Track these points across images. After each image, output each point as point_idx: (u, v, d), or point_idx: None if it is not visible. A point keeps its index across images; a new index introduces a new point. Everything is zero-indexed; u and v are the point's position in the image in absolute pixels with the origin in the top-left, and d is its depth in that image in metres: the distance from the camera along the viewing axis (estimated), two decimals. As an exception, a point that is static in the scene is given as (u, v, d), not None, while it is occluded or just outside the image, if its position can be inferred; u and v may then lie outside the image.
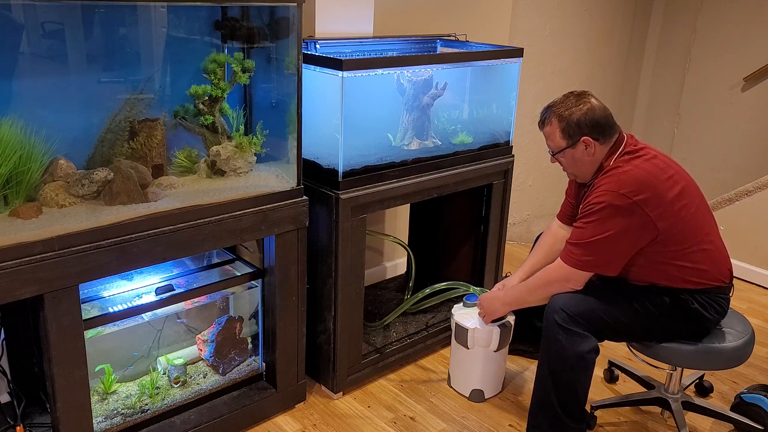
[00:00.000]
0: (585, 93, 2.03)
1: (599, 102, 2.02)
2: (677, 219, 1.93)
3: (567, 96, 2.04)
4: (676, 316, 2.00)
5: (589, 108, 1.98)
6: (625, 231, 1.89)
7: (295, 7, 1.98)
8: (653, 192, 1.90)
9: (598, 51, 4.17)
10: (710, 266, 1.99)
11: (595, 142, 1.98)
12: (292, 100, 2.05)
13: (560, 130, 2.01)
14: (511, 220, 3.79)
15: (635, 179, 1.91)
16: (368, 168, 2.28)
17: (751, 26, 4.03)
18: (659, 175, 1.93)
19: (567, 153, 2.03)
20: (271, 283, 2.19)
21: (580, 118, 1.97)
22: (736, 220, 3.56)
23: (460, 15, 3.19)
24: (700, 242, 1.98)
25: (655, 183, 1.91)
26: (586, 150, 2.00)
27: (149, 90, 2.04)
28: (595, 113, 1.98)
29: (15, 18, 1.77)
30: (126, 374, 2.20)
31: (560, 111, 2.01)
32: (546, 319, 2.00)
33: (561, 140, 2.02)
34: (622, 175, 1.93)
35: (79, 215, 1.77)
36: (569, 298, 1.98)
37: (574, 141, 1.99)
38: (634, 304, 1.98)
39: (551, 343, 1.99)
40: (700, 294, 1.99)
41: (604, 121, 1.99)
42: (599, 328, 1.98)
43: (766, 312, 3.28)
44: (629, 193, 1.89)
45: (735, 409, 2.33)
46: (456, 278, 2.98)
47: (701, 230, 1.99)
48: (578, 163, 2.04)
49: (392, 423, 2.34)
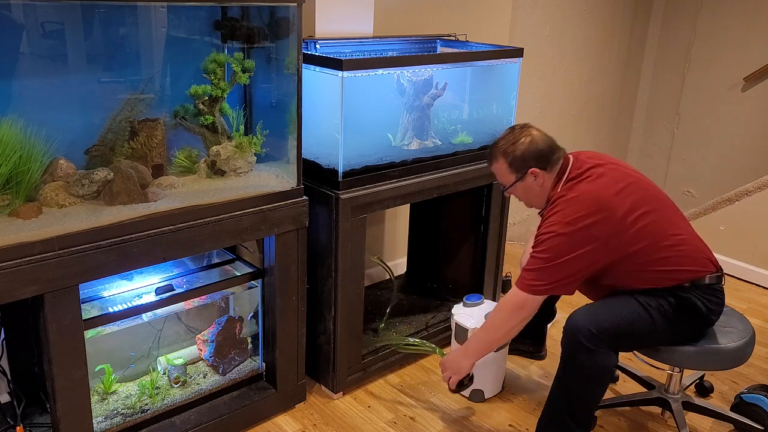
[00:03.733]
0: (526, 126, 2.09)
1: (540, 132, 2.08)
2: (634, 231, 1.94)
3: (509, 131, 2.10)
4: (684, 317, 1.99)
5: (530, 140, 2.04)
6: (576, 257, 1.92)
7: (295, 7, 1.98)
8: (600, 213, 1.92)
9: (598, 51, 4.17)
10: (688, 263, 1.99)
11: (543, 172, 2.04)
12: (292, 100, 2.05)
13: (507, 165, 2.07)
14: (511, 220, 3.79)
15: (580, 205, 1.94)
16: (368, 168, 2.28)
17: (751, 26, 4.03)
18: (605, 194, 1.96)
19: (518, 186, 2.09)
20: (271, 283, 2.19)
21: (524, 151, 2.03)
22: (736, 220, 3.56)
23: (460, 15, 3.19)
24: (669, 245, 1.98)
25: (602, 203, 1.94)
26: (535, 180, 2.05)
27: (149, 90, 2.04)
28: (538, 144, 2.04)
29: (15, 18, 1.77)
30: (126, 374, 2.20)
31: (504, 147, 2.07)
32: (568, 338, 1.97)
33: (510, 175, 2.08)
34: (566, 203, 1.97)
35: (79, 215, 1.77)
36: (590, 316, 1.96)
37: (522, 174, 2.05)
38: (650, 311, 1.97)
39: (573, 363, 1.96)
40: (696, 290, 1.99)
41: (547, 150, 2.04)
42: (621, 343, 1.99)
43: (766, 312, 3.28)
44: (574, 220, 1.92)
45: (735, 409, 2.33)
46: (456, 278, 2.98)
47: (665, 233, 1.99)
48: (530, 193, 2.10)
49: (392, 423, 2.34)
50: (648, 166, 4.69)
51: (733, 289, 3.49)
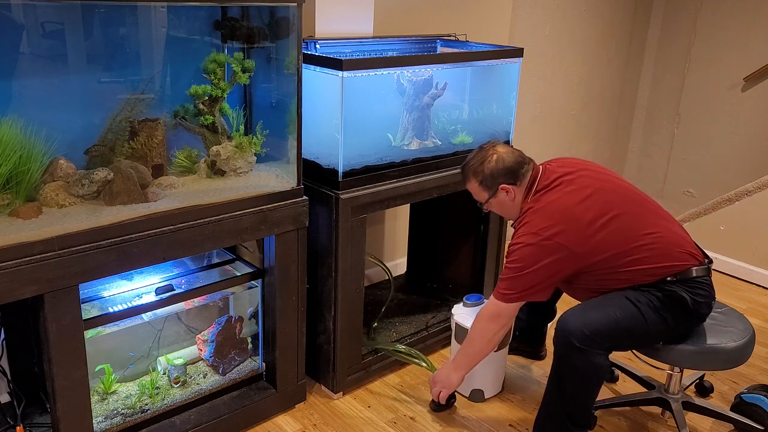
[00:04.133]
0: (492, 143, 2.16)
1: (507, 148, 2.14)
2: (601, 237, 1.97)
3: (477, 151, 2.16)
4: (675, 313, 1.99)
5: (497, 158, 2.10)
6: (545, 265, 1.98)
7: (295, 7, 1.98)
8: (565, 223, 1.97)
9: (598, 51, 4.17)
10: (663, 259, 2.00)
11: (513, 186, 2.10)
12: (292, 100, 2.05)
13: (479, 184, 2.14)
14: (511, 220, 3.79)
15: (545, 215, 2.01)
16: (368, 168, 2.28)
17: (751, 26, 4.03)
18: (570, 203, 2.01)
19: (492, 202, 2.16)
20: (271, 283, 2.19)
21: (493, 169, 2.09)
22: (736, 220, 3.56)
23: (460, 15, 3.19)
24: (641, 245, 1.99)
25: (567, 213, 2.00)
26: (507, 195, 2.11)
27: (149, 90, 2.04)
28: (505, 161, 2.10)
29: (15, 18, 1.77)
30: (126, 374, 2.20)
31: (474, 167, 2.13)
32: (560, 339, 1.98)
33: (483, 193, 2.15)
34: (533, 214, 2.03)
35: (79, 215, 1.77)
36: (582, 317, 1.97)
37: (494, 191, 2.12)
38: (640, 308, 1.97)
39: (565, 364, 1.98)
40: (680, 284, 1.99)
41: (515, 165, 2.10)
42: (614, 343, 1.99)
43: (766, 312, 3.28)
44: (541, 230, 1.98)
45: (735, 409, 2.33)
46: (456, 278, 2.98)
47: (637, 233, 2.00)
48: (504, 207, 2.16)
49: (392, 423, 2.34)
50: (648, 166, 4.69)
51: (733, 289, 3.49)
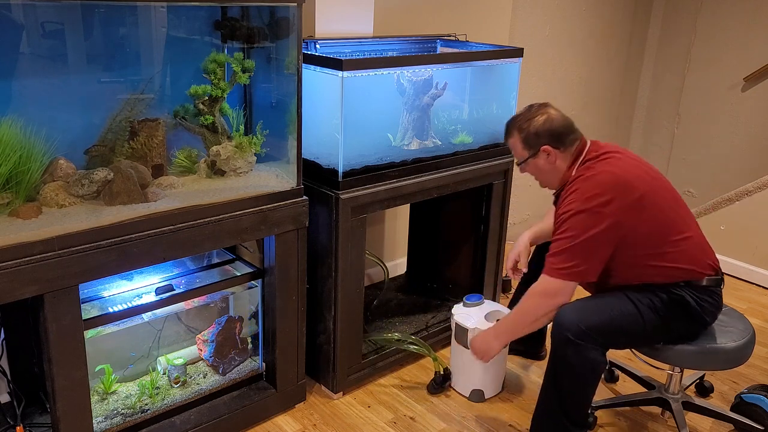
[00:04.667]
0: (544, 104, 2.10)
1: (558, 112, 2.08)
2: (644, 218, 1.95)
3: (527, 108, 2.11)
4: (676, 315, 1.99)
5: (546, 118, 2.05)
6: (596, 233, 1.93)
7: (295, 7, 1.98)
8: (616, 193, 1.94)
9: (598, 51, 4.17)
10: (688, 263, 2.00)
11: (555, 151, 2.05)
12: (292, 100, 2.05)
13: (521, 141, 2.09)
14: (511, 220, 3.78)
15: (597, 183, 1.96)
16: (368, 168, 2.28)
17: (751, 26, 4.03)
18: (621, 176, 1.98)
19: (530, 162, 2.11)
20: (271, 283, 2.19)
21: (539, 128, 2.05)
22: (736, 220, 3.56)
23: (460, 15, 3.19)
24: (674, 240, 1.99)
25: (617, 184, 1.95)
26: (547, 158, 2.06)
27: (149, 90, 2.04)
28: (553, 123, 2.05)
29: (15, 18, 1.77)
30: (126, 374, 2.20)
31: (520, 123, 2.09)
32: (556, 333, 1.98)
33: (523, 151, 2.10)
34: (584, 182, 1.98)
35: (79, 215, 1.77)
36: (579, 312, 1.97)
37: (535, 151, 2.07)
38: (639, 307, 1.97)
39: (560, 358, 1.97)
40: (691, 289, 1.99)
41: (562, 129, 2.05)
42: (609, 340, 1.98)
43: (766, 312, 3.28)
44: (593, 197, 1.94)
45: (735, 409, 2.33)
46: (456, 278, 2.98)
47: (674, 227, 2.00)
48: (542, 171, 2.11)
49: (392, 423, 2.34)
50: (648, 166, 4.69)
51: (733, 289, 3.49)
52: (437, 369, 2.51)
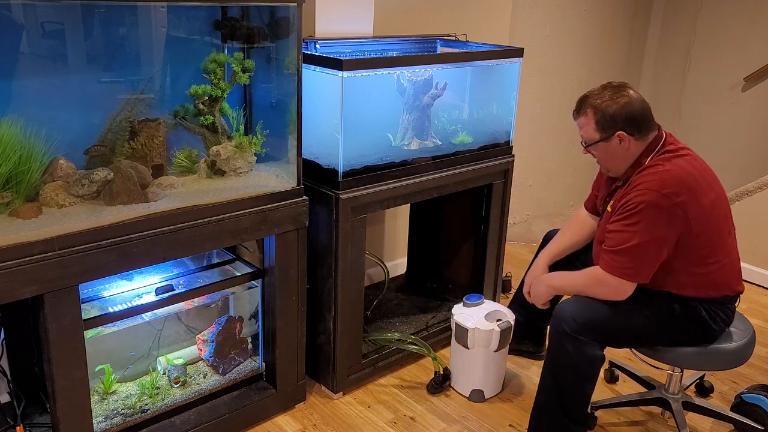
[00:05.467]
0: (624, 85, 1.97)
1: (638, 95, 1.95)
2: (706, 226, 1.88)
3: (605, 87, 1.97)
4: (683, 325, 1.98)
5: (626, 102, 1.91)
6: (665, 234, 1.84)
7: (295, 7, 1.98)
8: (693, 195, 1.85)
9: (598, 51, 4.17)
10: (722, 278, 1.96)
11: (630, 138, 1.92)
12: (292, 100, 2.05)
13: (594, 122, 1.95)
14: (511, 220, 3.79)
15: (678, 179, 1.85)
16: (368, 168, 2.28)
17: (751, 26, 4.03)
18: (699, 179, 1.88)
19: (600, 146, 1.97)
20: (271, 283, 2.19)
21: (616, 111, 1.91)
22: (736, 220, 3.50)
23: (460, 15, 3.19)
24: (720, 253, 1.94)
25: (695, 186, 1.86)
26: (620, 144, 1.93)
27: (149, 90, 2.04)
28: (633, 108, 1.91)
29: (15, 18, 1.77)
30: (126, 374, 2.20)
31: (596, 102, 1.94)
32: (553, 327, 1.97)
33: (594, 133, 1.96)
34: (664, 174, 1.86)
35: (79, 215, 1.77)
36: (578, 306, 1.95)
37: (608, 135, 1.93)
38: (644, 311, 1.96)
39: (558, 352, 1.96)
40: (708, 303, 1.97)
41: (641, 116, 1.92)
42: (607, 337, 1.97)
43: (766, 312, 3.28)
44: (671, 194, 1.83)
45: (735, 409, 2.33)
46: (456, 278, 2.98)
47: (724, 241, 1.95)
48: (611, 157, 1.98)
49: (392, 423, 2.34)
50: (648, 166, 4.69)
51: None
52: (437, 369, 2.51)
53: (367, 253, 2.68)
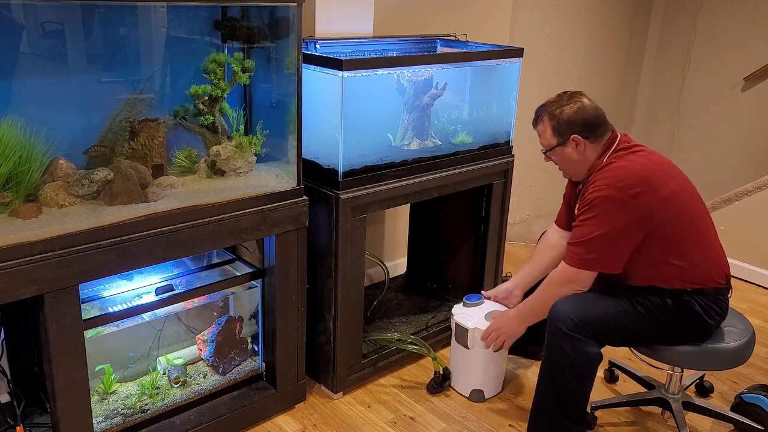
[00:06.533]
0: (577, 93, 2.08)
1: (591, 101, 2.05)
2: (672, 215, 1.94)
3: (560, 95, 2.08)
4: (678, 320, 1.99)
5: (579, 107, 2.02)
6: (624, 225, 1.91)
7: (295, 7, 1.98)
8: (648, 185, 1.92)
9: (598, 51, 4.17)
10: (706, 267, 1.99)
11: (585, 141, 2.02)
12: (292, 100, 2.05)
13: (551, 128, 2.06)
14: (511, 220, 3.79)
15: (630, 173, 1.93)
16: (368, 168, 2.28)
17: (751, 26, 4.03)
18: (654, 170, 1.96)
19: (557, 151, 2.07)
20: (271, 283, 2.19)
21: (570, 116, 2.02)
22: (736, 220, 3.56)
23: (460, 15, 3.19)
24: (696, 242, 1.99)
25: (650, 177, 1.94)
26: (576, 148, 2.03)
27: (149, 90, 2.04)
28: (586, 112, 2.02)
29: (15, 18, 1.77)
30: (126, 374, 2.20)
31: (551, 109, 2.06)
32: (550, 325, 1.98)
33: (552, 138, 2.07)
34: (617, 170, 1.95)
35: (79, 215, 1.77)
36: (574, 305, 1.97)
37: (564, 139, 2.04)
38: (638, 308, 1.98)
39: (555, 350, 1.98)
40: (700, 296, 1.98)
41: (594, 120, 2.02)
42: (604, 335, 1.98)
43: (766, 312, 3.28)
44: (625, 186, 1.91)
45: (735, 409, 2.33)
46: (456, 278, 2.98)
47: (697, 230, 2.00)
48: (569, 161, 2.07)
49: (392, 423, 2.34)
50: (648, 166, 4.69)
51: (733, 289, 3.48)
52: (437, 369, 2.51)
53: (367, 253, 2.67)
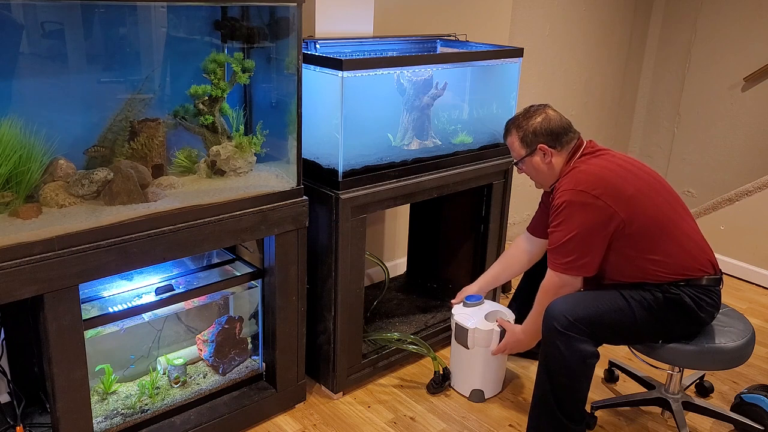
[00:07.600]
0: (544, 105, 2.18)
1: (556, 112, 2.16)
2: (638, 212, 1.99)
3: (526, 109, 2.18)
4: (671, 314, 2.00)
5: (544, 118, 2.13)
6: (591, 224, 1.98)
7: (295, 7, 1.98)
8: (609, 186, 1.99)
9: (598, 51, 4.17)
10: (685, 256, 2.01)
11: (552, 150, 2.11)
12: (292, 100, 2.05)
13: (519, 139, 2.16)
14: (511, 220, 3.79)
15: (590, 174, 2.03)
16: (368, 168, 2.28)
17: (751, 26, 4.03)
18: (615, 171, 2.04)
19: (526, 161, 2.17)
20: (271, 283, 2.19)
21: (536, 127, 2.12)
22: (736, 220, 3.56)
23: (460, 15, 3.19)
24: (670, 235, 2.01)
25: (610, 178, 2.01)
26: (543, 157, 2.13)
27: (149, 90, 2.04)
28: (551, 122, 2.12)
29: (15, 18, 1.77)
30: (126, 374, 2.20)
31: (519, 122, 2.17)
32: (545, 325, 2.01)
33: (520, 149, 2.17)
34: (578, 173, 2.05)
35: (79, 215, 1.77)
36: (568, 304, 1.99)
37: (531, 149, 2.14)
38: (631, 304, 1.99)
39: (551, 349, 1.99)
40: (690, 288, 2.00)
41: (559, 129, 2.12)
42: (599, 332, 1.99)
43: (766, 312, 3.28)
44: (586, 188, 1.99)
45: (735, 409, 2.34)
46: (456, 278, 2.98)
47: (667, 223, 2.02)
48: (538, 170, 2.17)
49: (392, 423, 2.34)
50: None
51: (733, 289, 3.49)
52: (437, 369, 2.51)
53: (367, 253, 2.68)
